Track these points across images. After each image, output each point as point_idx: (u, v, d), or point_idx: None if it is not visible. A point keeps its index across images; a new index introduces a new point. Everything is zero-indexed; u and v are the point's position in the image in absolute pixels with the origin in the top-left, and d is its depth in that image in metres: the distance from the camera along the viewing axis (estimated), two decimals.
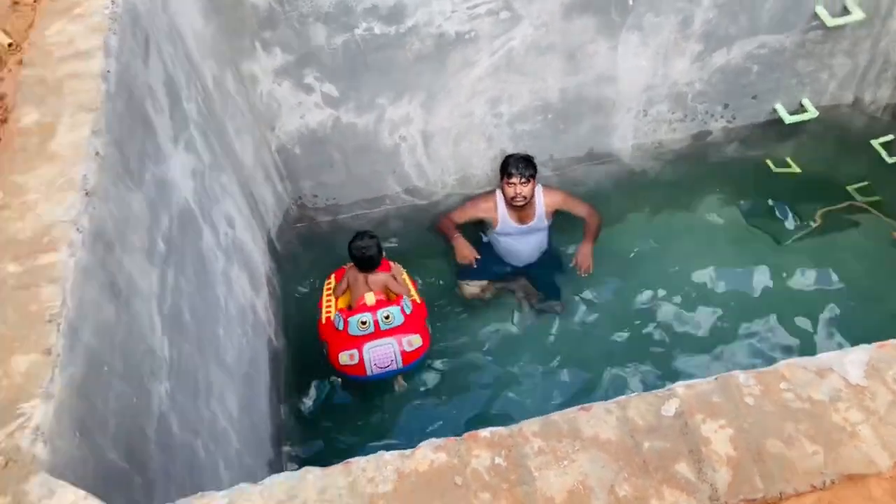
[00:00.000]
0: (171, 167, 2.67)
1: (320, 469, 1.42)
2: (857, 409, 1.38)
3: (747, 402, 1.42)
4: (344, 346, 3.66)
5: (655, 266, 4.27)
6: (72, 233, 1.81)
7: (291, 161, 4.08)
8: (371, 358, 3.64)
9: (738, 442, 1.37)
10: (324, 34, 3.50)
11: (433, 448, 1.42)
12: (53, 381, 1.56)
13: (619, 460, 1.37)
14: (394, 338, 3.66)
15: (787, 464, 1.33)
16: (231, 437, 2.75)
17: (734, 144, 4.67)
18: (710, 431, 1.39)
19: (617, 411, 1.43)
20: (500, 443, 1.42)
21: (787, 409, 1.40)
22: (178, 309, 2.45)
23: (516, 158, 4.01)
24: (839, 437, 1.35)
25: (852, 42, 4.18)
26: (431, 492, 1.36)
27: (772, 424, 1.38)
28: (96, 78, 2.21)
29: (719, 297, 4.11)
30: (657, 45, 3.95)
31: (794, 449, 1.35)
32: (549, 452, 1.39)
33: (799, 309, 4.00)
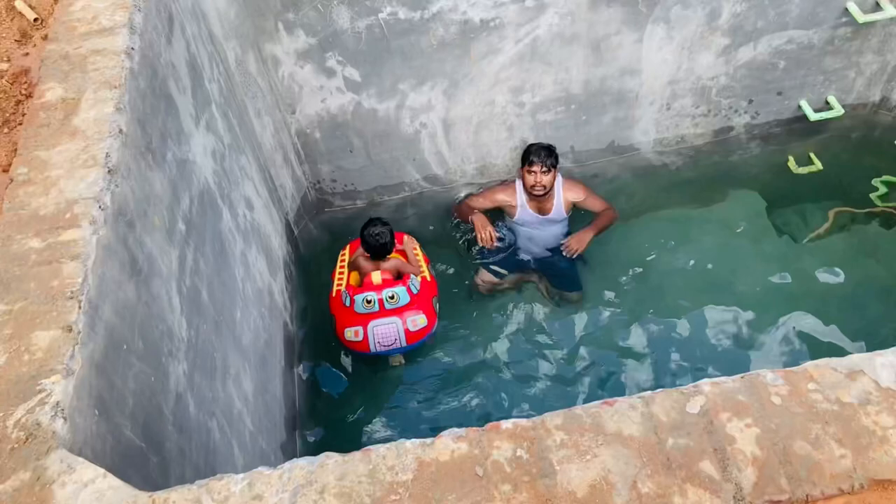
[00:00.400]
0: (193, 147, 2.66)
1: (340, 455, 1.41)
2: (887, 413, 1.35)
3: (774, 402, 1.39)
4: (350, 322, 3.72)
5: (673, 261, 4.22)
6: (94, 210, 1.81)
7: (311, 145, 4.06)
8: (375, 336, 3.69)
9: (764, 442, 1.35)
10: (348, 17, 3.47)
11: (454, 438, 1.41)
12: (74, 358, 1.56)
13: (643, 456, 1.35)
14: (398, 317, 3.70)
15: (815, 466, 1.31)
16: (245, 419, 2.75)
17: (757, 141, 4.61)
18: (735, 430, 1.37)
19: (641, 407, 1.41)
20: (522, 435, 1.40)
21: (815, 410, 1.38)
22: (196, 290, 2.44)
23: (538, 147, 3.98)
24: (869, 440, 1.33)
25: (882, 40, 4.11)
26: (452, 482, 1.35)
27: (799, 425, 1.36)
28: (120, 55, 2.20)
29: (738, 294, 4.05)
30: (683, 38, 3.89)
31: (822, 451, 1.32)
32: (571, 446, 1.38)
33: (819, 309, 3.94)
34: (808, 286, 4.05)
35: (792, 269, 4.13)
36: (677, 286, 4.13)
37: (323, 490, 1.35)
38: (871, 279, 4.04)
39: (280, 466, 1.40)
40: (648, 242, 4.32)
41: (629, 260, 4.25)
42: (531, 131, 4.19)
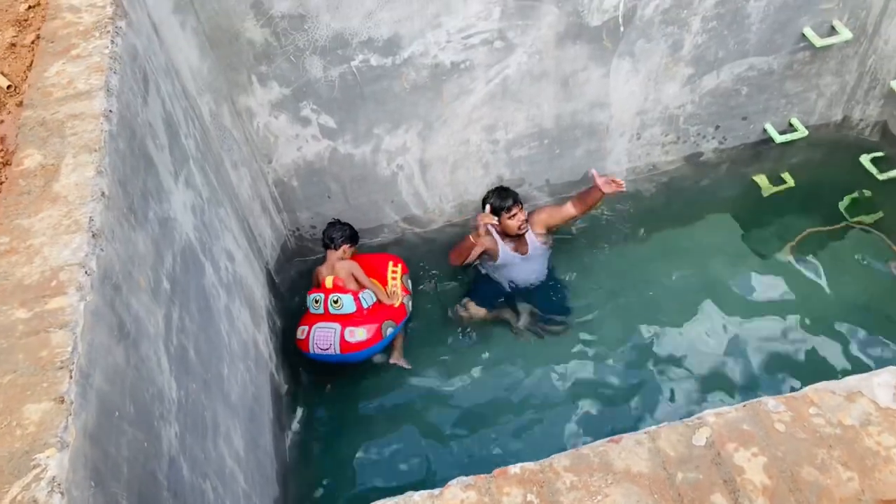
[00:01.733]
0: (173, 204, 2.65)
1: None
2: (889, 432, 1.36)
3: (778, 429, 1.40)
4: (303, 321, 3.92)
5: (653, 286, 4.28)
6: (80, 276, 1.78)
7: (288, 193, 4.07)
8: (314, 337, 3.81)
9: (772, 470, 1.35)
10: (320, 67, 3.51)
11: (462, 487, 1.39)
12: (67, 430, 1.52)
13: (654, 493, 1.35)
14: (339, 324, 3.80)
15: (824, 491, 1.31)
16: (238, 478, 2.69)
17: (726, 165, 4.72)
18: (743, 460, 1.37)
19: (648, 442, 1.41)
20: (530, 479, 1.39)
21: (819, 434, 1.39)
22: (183, 348, 2.41)
23: (500, 190, 3.98)
24: (873, 462, 1.34)
25: (839, 61, 4.25)
26: None
27: (805, 451, 1.37)
28: (98, 118, 2.19)
29: (717, 315, 4.11)
30: (648, 70, 3.99)
31: (829, 476, 1.33)
32: (581, 487, 1.37)
33: (794, 326, 4.01)
34: (782, 304, 4.12)
35: (768, 287, 4.20)
36: (658, 310, 4.18)
37: None
38: (842, 295, 4.11)
39: None
40: (627, 269, 4.38)
41: (610, 287, 4.30)
42: (506, 167, 4.24)
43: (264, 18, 3.29)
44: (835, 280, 4.19)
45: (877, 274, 4.18)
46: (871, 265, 4.22)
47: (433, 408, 3.87)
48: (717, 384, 3.81)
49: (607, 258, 4.45)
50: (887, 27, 4.03)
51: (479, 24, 3.52)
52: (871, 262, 4.23)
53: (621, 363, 3.95)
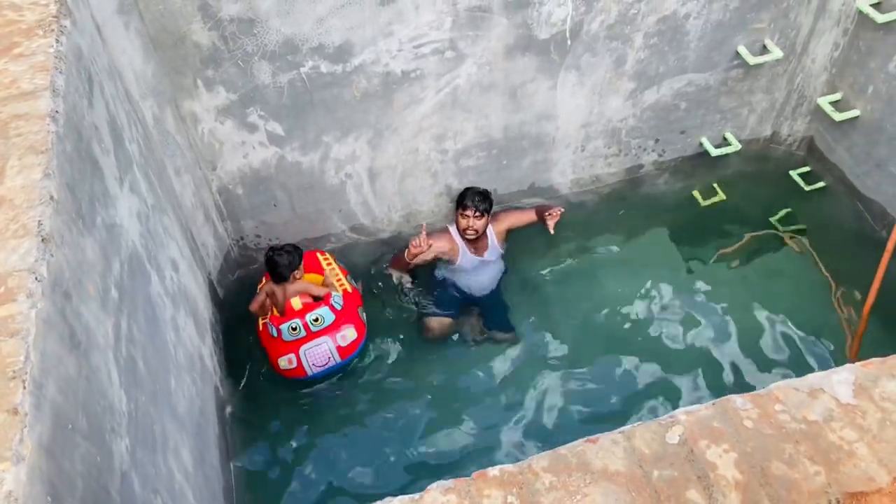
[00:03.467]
0: (119, 210, 2.55)
1: None
2: (850, 427, 1.43)
3: (746, 426, 1.45)
4: (281, 351, 3.76)
5: (595, 294, 4.38)
6: (30, 282, 1.69)
7: (233, 201, 3.97)
8: (308, 359, 3.76)
9: (742, 466, 1.39)
10: (269, 72, 3.45)
11: (443, 491, 1.38)
12: (23, 442, 1.44)
13: (631, 491, 1.37)
14: (328, 336, 3.77)
15: (793, 485, 1.36)
16: (187, 493, 2.60)
17: (665, 177, 4.86)
18: (715, 457, 1.41)
19: (623, 441, 1.44)
20: (510, 481, 1.39)
21: (785, 430, 1.44)
22: (132, 359, 2.31)
23: (474, 191, 4.09)
24: (838, 456, 1.39)
25: (770, 79, 4.45)
26: None
27: (773, 446, 1.42)
28: (44, 118, 2.09)
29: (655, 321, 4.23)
30: (593, 83, 4.09)
31: (797, 470, 1.38)
32: (560, 487, 1.38)
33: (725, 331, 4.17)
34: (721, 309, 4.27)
35: (704, 295, 4.35)
36: (600, 318, 4.27)
37: None
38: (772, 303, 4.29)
39: None
40: (570, 279, 4.47)
41: (553, 296, 4.37)
42: (455, 177, 4.26)
43: (212, 21, 3.22)
44: (766, 285, 4.38)
45: (804, 280, 4.38)
46: (798, 272, 4.42)
47: (385, 418, 3.83)
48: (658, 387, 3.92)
49: (551, 267, 4.53)
50: (815, 47, 4.25)
51: (430, 33, 3.53)
52: (798, 270, 4.43)
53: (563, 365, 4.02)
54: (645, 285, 4.41)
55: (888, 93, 4.09)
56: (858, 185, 4.50)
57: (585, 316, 4.30)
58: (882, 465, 1.37)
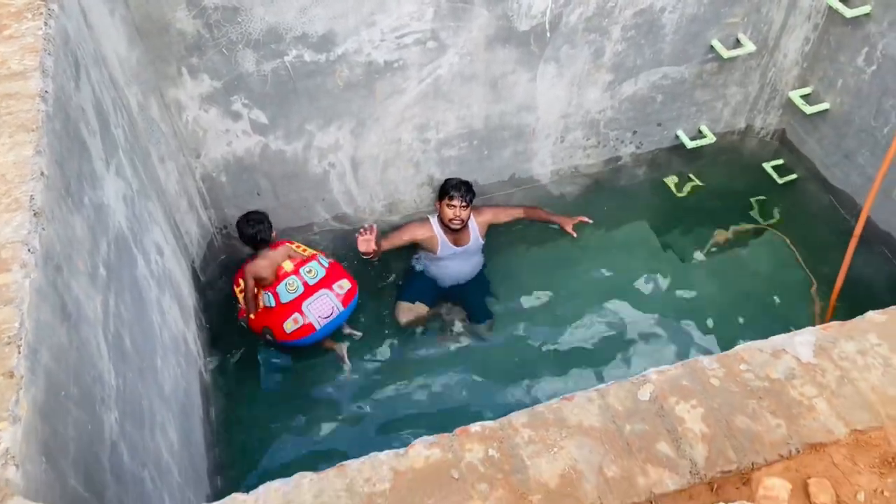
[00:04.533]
0: (106, 191, 2.59)
1: (314, 473, 1.42)
2: (811, 384, 1.51)
3: (713, 384, 1.53)
4: (284, 315, 3.82)
5: (574, 283, 4.48)
6: (23, 253, 1.73)
7: (216, 189, 4.01)
8: (313, 313, 3.84)
9: (709, 420, 1.48)
10: (253, 60, 3.50)
11: (426, 445, 1.45)
12: (19, 403, 1.48)
13: (605, 444, 1.44)
14: (325, 288, 3.89)
15: (756, 437, 1.45)
16: (173, 471, 2.64)
17: (642, 168, 4.96)
18: (683, 412, 1.49)
19: (598, 399, 1.51)
20: (491, 436, 1.46)
21: (749, 387, 1.52)
22: (120, 336, 2.36)
23: (458, 182, 4.15)
24: (798, 410, 1.48)
25: (743, 73, 4.56)
26: (429, 487, 1.39)
27: (737, 402, 1.50)
28: (34, 98, 2.13)
29: (632, 308, 4.34)
30: (572, 75, 4.17)
31: (760, 423, 1.47)
32: (538, 441, 1.45)
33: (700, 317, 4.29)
34: (694, 298, 4.39)
35: (679, 283, 4.46)
36: (578, 305, 4.37)
37: None
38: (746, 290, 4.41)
39: (254, 491, 1.39)
40: (550, 268, 4.55)
41: (532, 286, 4.46)
42: (437, 167, 4.33)
43: (197, 9, 3.26)
44: (741, 274, 4.50)
45: (778, 270, 4.50)
46: (773, 260, 4.54)
47: (367, 402, 3.89)
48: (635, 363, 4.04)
49: (531, 257, 4.62)
50: (786, 42, 4.37)
51: (412, 23, 3.59)
52: (773, 260, 4.56)
53: (543, 351, 4.12)
54: (622, 274, 4.52)
55: (856, 86, 4.22)
56: (828, 177, 4.63)
57: (564, 303, 4.40)
58: (840, 419, 1.46)
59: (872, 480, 1.39)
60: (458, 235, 4.22)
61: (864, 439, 1.44)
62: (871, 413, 1.47)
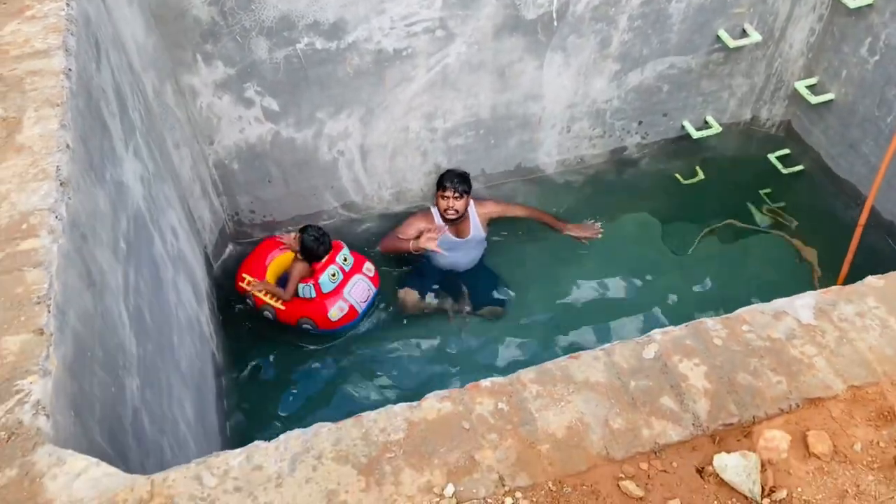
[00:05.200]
0: (125, 170, 2.66)
1: (332, 423, 1.48)
2: (810, 344, 1.57)
3: (716, 343, 1.59)
4: (328, 304, 3.97)
5: (578, 271, 4.53)
6: (51, 220, 1.81)
7: (229, 176, 4.08)
8: (354, 297, 4.06)
9: (711, 377, 1.53)
10: (266, 48, 3.56)
11: (439, 399, 1.51)
12: (49, 359, 1.55)
13: (610, 398, 1.50)
14: (357, 273, 4.11)
15: (757, 392, 1.50)
16: (190, 443, 2.71)
17: (647, 159, 5.01)
18: (686, 369, 1.55)
19: (604, 357, 1.57)
20: (500, 390, 1.52)
21: (751, 347, 1.58)
22: (139, 309, 2.43)
23: (452, 173, 4.21)
24: (798, 368, 1.54)
25: (749, 63, 4.61)
26: (442, 436, 1.45)
27: (739, 360, 1.56)
28: (58, 75, 2.21)
29: (637, 294, 4.40)
30: (579, 64, 4.23)
31: (761, 380, 1.52)
32: (546, 396, 1.51)
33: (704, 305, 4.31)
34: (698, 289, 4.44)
35: (685, 273, 4.51)
36: (583, 295, 4.43)
37: (320, 455, 1.42)
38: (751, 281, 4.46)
39: (275, 439, 1.46)
40: (556, 257, 4.60)
41: (539, 274, 4.51)
42: (444, 156, 4.39)
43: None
44: (746, 264, 4.55)
45: (784, 259, 4.55)
46: (778, 251, 4.59)
47: (375, 386, 3.96)
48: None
49: (536, 246, 4.67)
50: (792, 32, 4.41)
51: (421, 11, 3.66)
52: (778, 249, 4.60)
53: (554, 339, 4.17)
54: (627, 263, 4.56)
55: (860, 76, 4.26)
56: (833, 167, 4.67)
57: (568, 292, 4.45)
58: (838, 376, 1.52)
59: (868, 433, 1.45)
60: (459, 227, 4.29)
61: (861, 395, 1.49)
62: (868, 370, 1.52)
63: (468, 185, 4.24)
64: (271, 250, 4.19)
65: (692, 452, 1.44)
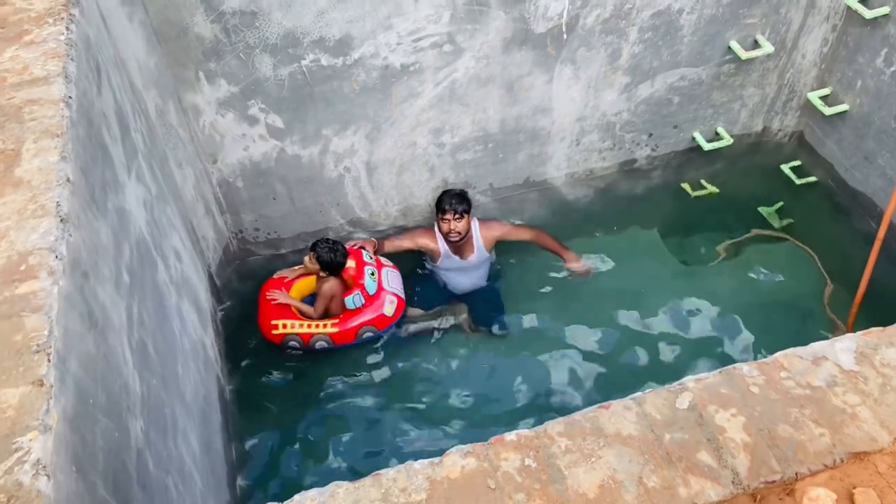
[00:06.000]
0: (128, 197, 2.58)
1: (349, 483, 1.40)
2: (853, 392, 1.49)
3: (753, 392, 1.51)
4: (380, 303, 4.04)
5: (588, 286, 4.45)
6: (51, 260, 1.72)
7: (233, 194, 4.00)
8: (394, 286, 4.14)
9: (750, 429, 1.45)
10: (270, 65, 3.49)
11: (462, 454, 1.43)
12: (49, 413, 1.47)
13: (644, 453, 1.42)
14: (382, 267, 4.17)
15: (799, 446, 1.42)
16: (195, 478, 2.63)
17: (658, 171, 4.93)
18: (723, 420, 1.46)
19: (635, 407, 1.49)
20: (527, 444, 1.44)
21: (791, 395, 1.50)
22: (143, 343, 2.35)
23: (450, 194, 4.13)
24: (841, 418, 1.45)
25: (761, 74, 4.53)
26: (466, 497, 1.37)
27: (779, 410, 1.47)
28: (57, 104, 2.12)
29: (648, 312, 4.31)
30: (588, 77, 4.15)
31: (803, 432, 1.44)
32: (575, 451, 1.43)
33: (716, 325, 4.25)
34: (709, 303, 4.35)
35: (697, 288, 4.43)
36: (594, 309, 4.34)
37: None
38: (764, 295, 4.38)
39: (290, 500, 1.37)
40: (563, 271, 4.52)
41: (548, 288, 4.43)
42: (452, 171, 4.31)
43: (215, 14, 3.25)
44: (759, 278, 4.46)
45: (798, 274, 4.47)
46: (793, 265, 4.50)
47: (383, 406, 3.88)
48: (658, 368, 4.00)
49: (544, 261, 4.59)
50: (804, 42, 4.33)
51: (428, 27, 3.58)
52: (793, 263, 4.52)
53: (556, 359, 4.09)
54: (639, 277, 4.48)
55: (876, 87, 4.18)
56: (848, 179, 4.59)
57: (581, 307, 4.37)
58: (884, 427, 1.44)
59: None
60: (462, 248, 4.21)
61: None
62: None
63: (468, 204, 4.16)
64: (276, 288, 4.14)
65: None
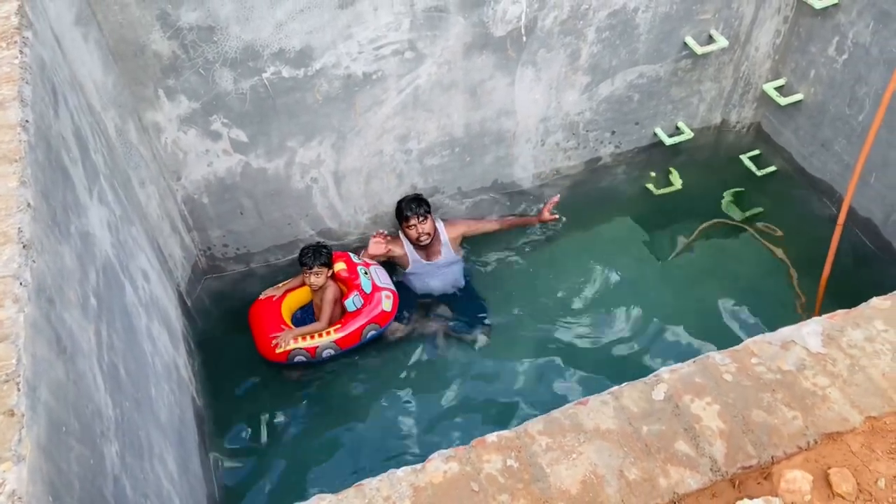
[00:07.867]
0: (91, 219, 2.54)
1: (332, 495, 1.39)
2: (822, 374, 1.52)
3: (726, 379, 1.53)
4: (377, 299, 4.06)
5: (558, 283, 4.51)
6: (15, 287, 1.69)
7: (199, 210, 3.96)
8: (385, 282, 4.18)
9: (725, 416, 1.47)
10: (231, 79, 3.46)
11: (444, 459, 1.43)
12: (22, 443, 1.44)
13: (623, 447, 1.44)
14: (370, 265, 4.23)
15: (773, 430, 1.45)
16: (174, 500, 2.59)
17: (622, 167, 4.99)
18: (699, 409, 1.49)
19: (612, 401, 1.50)
20: (508, 445, 1.45)
21: (762, 380, 1.53)
22: (114, 366, 2.31)
23: (407, 200, 4.19)
24: (812, 401, 1.49)
25: (717, 68, 4.61)
26: (450, 501, 1.37)
27: (752, 396, 1.50)
28: (14, 128, 2.08)
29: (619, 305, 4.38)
30: (550, 78, 4.19)
31: (776, 416, 1.47)
32: (556, 448, 1.44)
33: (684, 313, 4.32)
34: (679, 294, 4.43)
35: (664, 280, 4.50)
36: (568, 306, 4.38)
37: None
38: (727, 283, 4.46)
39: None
40: (535, 271, 4.57)
41: (519, 288, 4.48)
42: (420, 176, 4.31)
43: (172, 30, 3.22)
44: (724, 269, 4.55)
45: (761, 262, 4.56)
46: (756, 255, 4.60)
47: (364, 417, 3.86)
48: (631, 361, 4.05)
49: (516, 261, 4.63)
50: (757, 35, 4.42)
51: (389, 34, 3.58)
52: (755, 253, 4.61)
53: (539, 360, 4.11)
54: (608, 272, 4.56)
55: (829, 76, 4.28)
56: (806, 167, 4.69)
57: (552, 305, 4.41)
58: (854, 407, 1.47)
59: (891, 467, 1.40)
60: (429, 250, 4.24)
61: (880, 426, 1.44)
62: (883, 399, 1.48)
63: (427, 204, 4.22)
64: (265, 309, 4.14)
65: (712, 500, 1.37)
